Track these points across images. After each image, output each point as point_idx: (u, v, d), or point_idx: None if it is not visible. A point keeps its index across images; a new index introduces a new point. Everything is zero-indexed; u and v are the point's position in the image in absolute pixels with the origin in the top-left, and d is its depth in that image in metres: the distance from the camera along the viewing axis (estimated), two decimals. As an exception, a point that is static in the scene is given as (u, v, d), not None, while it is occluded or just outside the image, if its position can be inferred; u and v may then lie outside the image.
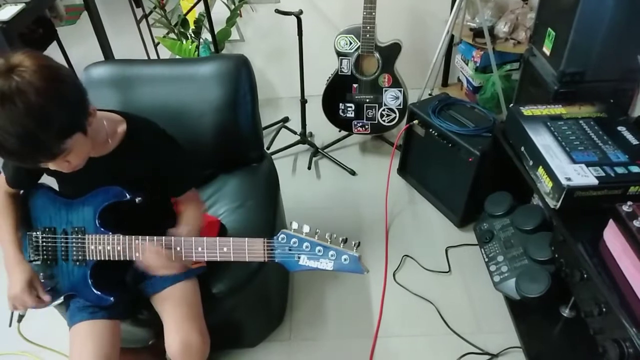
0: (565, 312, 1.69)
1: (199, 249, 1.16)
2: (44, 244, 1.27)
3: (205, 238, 1.17)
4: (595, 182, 1.35)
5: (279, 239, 1.10)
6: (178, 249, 1.17)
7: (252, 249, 1.13)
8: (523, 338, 1.67)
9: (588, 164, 1.41)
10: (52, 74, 0.98)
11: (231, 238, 1.15)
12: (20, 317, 1.34)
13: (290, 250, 1.10)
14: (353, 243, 1.08)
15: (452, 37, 2.70)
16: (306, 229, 1.09)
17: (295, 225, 1.09)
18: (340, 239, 1.08)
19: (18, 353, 1.76)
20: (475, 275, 1.94)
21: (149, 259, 1.15)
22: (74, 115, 1.02)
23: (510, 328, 1.73)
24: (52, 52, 2.93)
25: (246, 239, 1.13)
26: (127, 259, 1.20)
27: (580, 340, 1.57)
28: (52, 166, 1.06)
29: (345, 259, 1.07)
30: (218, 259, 1.16)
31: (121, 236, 1.20)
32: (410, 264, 2.04)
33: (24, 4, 2.12)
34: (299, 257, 1.09)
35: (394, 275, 1.99)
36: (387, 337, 1.77)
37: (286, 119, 2.92)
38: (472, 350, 1.69)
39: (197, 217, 1.34)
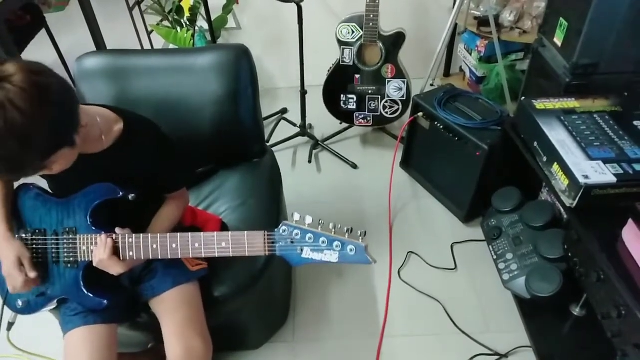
0: (576, 311, 1.65)
1: (196, 244, 1.10)
2: (34, 246, 1.20)
3: (202, 233, 1.11)
4: (614, 180, 1.30)
5: (280, 231, 1.04)
6: (174, 246, 1.11)
7: (252, 243, 1.07)
8: (533, 337, 1.63)
9: (605, 161, 1.36)
10: (43, 88, 0.91)
11: (230, 232, 1.09)
12: (10, 325, 1.30)
13: (292, 242, 1.04)
14: (359, 233, 1.03)
15: (456, 26, 2.62)
16: (309, 220, 1.03)
17: (297, 217, 1.03)
18: (345, 229, 1.02)
19: (12, 356, 1.70)
20: (482, 272, 1.90)
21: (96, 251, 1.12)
22: (59, 135, 0.96)
23: (519, 327, 1.70)
24: (41, 40, 2.83)
25: (245, 232, 1.07)
26: (120, 258, 1.13)
27: (591, 340, 1.53)
28: (35, 174, 1.01)
29: (351, 250, 1.01)
30: (216, 255, 1.10)
31: (112, 234, 1.14)
32: (415, 260, 1.99)
33: (10, -10, 2.03)
34: (301, 250, 1.03)
35: (399, 272, 1.94)
36: (393, 336, 1.73)
37: (284, 110, 2.85)
38: (481, 351, 1.65)
39: (171, 214, 1.29)
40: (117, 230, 1.14)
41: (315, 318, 1.80)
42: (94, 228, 1.16)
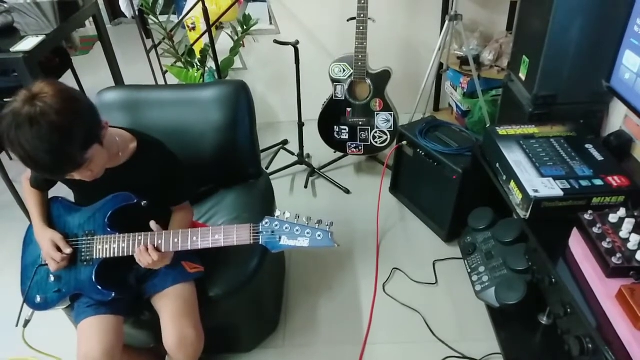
0: (543, 320, 1.78)
1: (194, 238, 1.31)
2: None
3: (199, 228, 1.32)
4: (561, 193, 1.47)
5: (263, 223, 1.26)
6: (176, 240, 1.32)
7: (239, 234, 1.28)
8: (503, 345, 1.76)
9: (555, 178, 1.53)
10: (69, 96, 1.15)
11: (222, 226, 1.30)
12: (26, 322, 1.46)
13: (273, 233, 1.25)
14: (326, 223, 1.24)
15: (441, 64, 2.86)
16: (287, 214, 1.25)
17: (278, 212, 1.25)
18: (316, 220, 1.24)
19: (27, 358, 1.86)
20: (460, 287, 2.04)
21: (140, 255, 1.31)
22: (90, 129, 1.18)
23: (492, 335, 1.82)
24: (67, 79, 3.13)
25: (235, 225, 1.29)
26: (131, 254, 1.34)
27: (556, 346, 1.66)
28: (77, 176, 1.21)
29: (319, 236, 1.22)
30: (210, 246, 1.30)
31: (125, 234, 1.35)
32: (399, 276, 2.15)
33: (44, 36, 2.32)
34: (280, 238, 1.24)
35: (383, 286, 2.09)
36: (376, 344, 1.87)
37: (286, 142, 3.08)
38: (456, 355, 1.78)
39: (182, 221, 1.50)
40: (152, 225, 1.33)
41: (304, 326, 1.95)
42: (109, 230, 1.37)
